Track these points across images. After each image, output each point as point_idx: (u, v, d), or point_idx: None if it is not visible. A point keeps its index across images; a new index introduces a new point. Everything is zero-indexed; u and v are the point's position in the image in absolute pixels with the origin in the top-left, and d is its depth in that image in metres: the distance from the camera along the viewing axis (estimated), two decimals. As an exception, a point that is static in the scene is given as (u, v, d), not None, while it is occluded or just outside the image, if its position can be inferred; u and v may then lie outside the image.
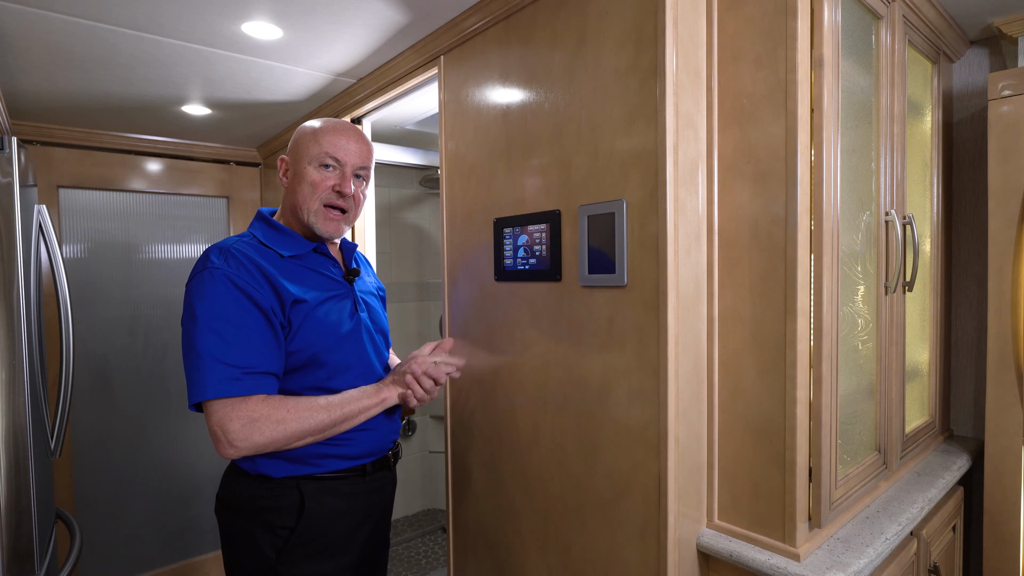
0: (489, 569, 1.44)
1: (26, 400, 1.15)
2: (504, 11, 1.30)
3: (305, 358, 1.09)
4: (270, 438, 1.00)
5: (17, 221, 1.16)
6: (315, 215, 1.14)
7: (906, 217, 1.35)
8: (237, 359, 1.00)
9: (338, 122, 1.18)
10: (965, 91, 1.70)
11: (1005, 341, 1.37)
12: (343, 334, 1.14)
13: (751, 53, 1.03)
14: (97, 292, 2.39)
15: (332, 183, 1.14)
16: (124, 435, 2.46)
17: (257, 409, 1.00)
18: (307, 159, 1.14)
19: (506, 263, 1.34)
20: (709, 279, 1.10)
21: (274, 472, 1.08)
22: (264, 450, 1.01)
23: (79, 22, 1.40)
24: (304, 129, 1.17)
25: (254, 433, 0.99)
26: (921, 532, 1.32)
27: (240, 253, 1.07)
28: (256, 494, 1.09)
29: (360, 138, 1.18)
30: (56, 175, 2.28)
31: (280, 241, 1.15)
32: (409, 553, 2.90)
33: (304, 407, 1.04)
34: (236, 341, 1.00)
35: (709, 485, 1.12)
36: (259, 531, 1.09)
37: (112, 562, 2.42)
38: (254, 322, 1.03)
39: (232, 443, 0.99)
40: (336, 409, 1.07)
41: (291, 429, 1.02)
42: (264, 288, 1.05)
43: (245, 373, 1.00)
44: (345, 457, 1.13)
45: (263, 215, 1.20)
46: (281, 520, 1.08)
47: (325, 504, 1.10)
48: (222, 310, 1.01)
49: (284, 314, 1.07)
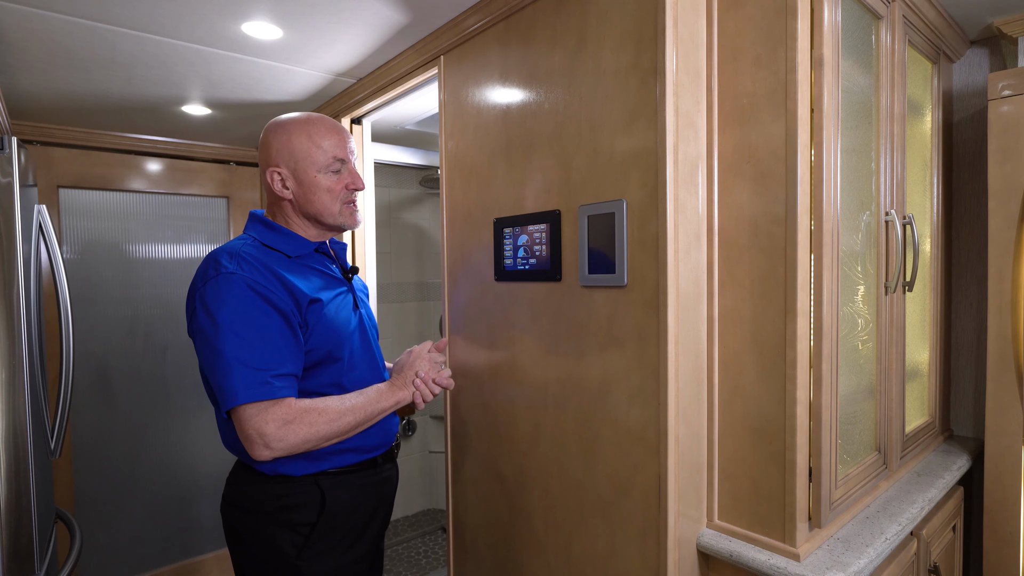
0: (489, 569, 1.44)
1: (26, 400, 1.15)
2: (504, 11, 1.30)
3: (321, 355, 1.11)
4: (303, 438, 1.02)
5: (17, 221, 1.16)
6: (341, 215, 1.18)
7: (906, 217, 1.35)
8: (264, 363, 1.01)
9: (319, 119, 1.17)
10: (965, 91, 1.70)
11: (1005, 341, 1.37)
12: (351, 330, 1.18)
13: (751, 53, 1.03)
14: (97, 292, 2.39)
15: (346, 183, 1.17)
16: (124, 435, 2.46)
17: (290, 412, 1.02)
18: (315, 168, 1.14)
19: (506, 263, 1.34)
20: (709, 279, 1.10)
21: (295, 471, 1.10)
22: (297, 451, 1.03)
23: (79, 22, 1.40)
24: (292, 135, 1.14)
25: (289, 435, 1.01)
26: (921, 532, 1.32)
27: (251, 256, 1.08)
28: (276, 493, 1.10)
29: (342, 129, 1.19)
30: (56, 175, 2.28)
31: (283, 242, 1.16)
32: (409, 553, 2.90)
33: (333, 410, 1.06)
34: (261, 345, 1.01)
35: (709, 485, 1.12)
36: (277, 530, 1.10)
37: (112, 562, 2.42)
38: (275, 325, 1.04)
39: (268, 445, 1.00)
40: (360, 411, 1.10)
41: (323, 431, 1.04)
42: (279, 290, 1.06)
43: (273, 376, 1.01)
44: (360, 450, 1.16)
45: (259, 216, 1.20)
46: (302, 517, 1.10)
47: (342, 498, 1.13)
48: (244, 314, 1.02)
49: (302, 315, 1.08)
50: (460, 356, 1.51)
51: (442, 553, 2.89)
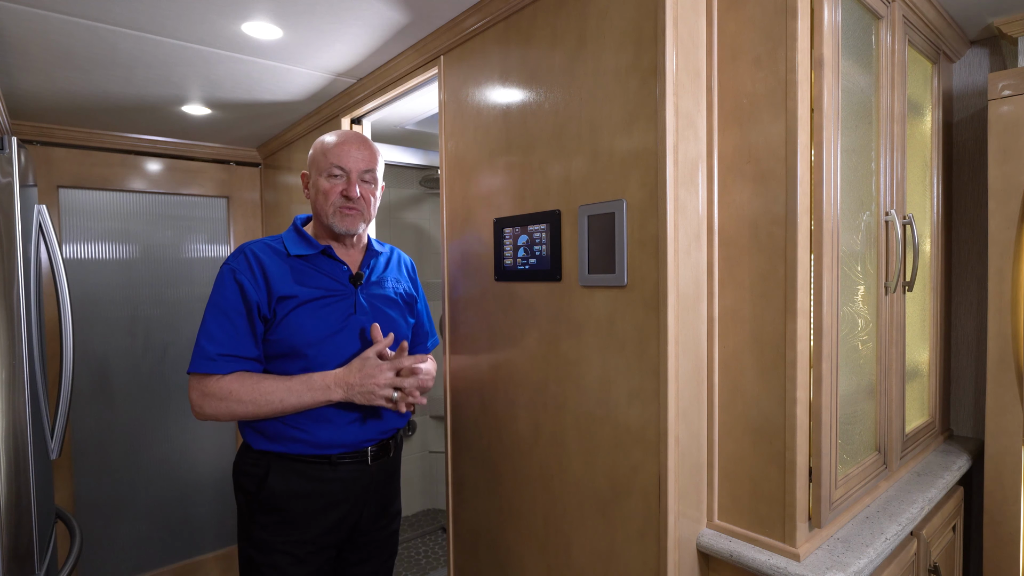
0: (489, 569, 1.44)
1: (26, 400, 1.16)
2: (504, 11, 1.30)
3: (286, 348, 1.22)
4: (218, 411, 1.17)
5: (17, 221, 1.16)
6: (332, 216, 1.28)
7: (906, 217, 1.35)
8: (219, 342, 1.18)
9: (346, 133, 1.32)
10: (965, 91, 1.70)
11: (1005, 341, 1.37)
12: (329, 332, 1.24)
13: (751, 53, 1.03)
14: (97, 292, 2.39)
15: (340, 189, 1.27)
16: (124, 435, 2.46)
17: (212, 387, 1.17)
18: (319, 171, 1.29)
19: (506, 263, 1.34)
20: (709, 279, 1.10)
21: (253, 444, 1.26)
22: (219, 419, 1.19)
23: (79, 22, 1.40)
24: (316, 145, 1.33)
25: (206, 406, 1.17)
26: (921, 532, 1.32)
27: (250, 252, 1.25)
28: (241, 456, 1.30)
29: (364, 145, 1.31)
30: (56, 175, 2.28)
31: (293, 242, 1.30)
32: (409, 553, 2.90)
33: (250, 396, 1.18)
34: (224, 326, 1.19)
35: (709, 485, 1.12)
36: (238, 488, 1.29)
37: (112, 562, 2.42)
38: (239, 313, 1.20)
39: (193, 409, 1.19)
40: (281, 400, 1.18)
41: (235, 411, 1.17)
42: (259, 283, 1.22)
43: (220, 354, 1.17)
44: (309, 444, 1.23)
45: (295, 221, 1.36)
46: (249, 485, 1.25)
47: (289, 482, 1.23)
48: (220, 299, 1.20)
49: (270, 308, 1.22)
50: (460, 356, 1.51)
51: (442, 553, 2.89)
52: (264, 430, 1.23)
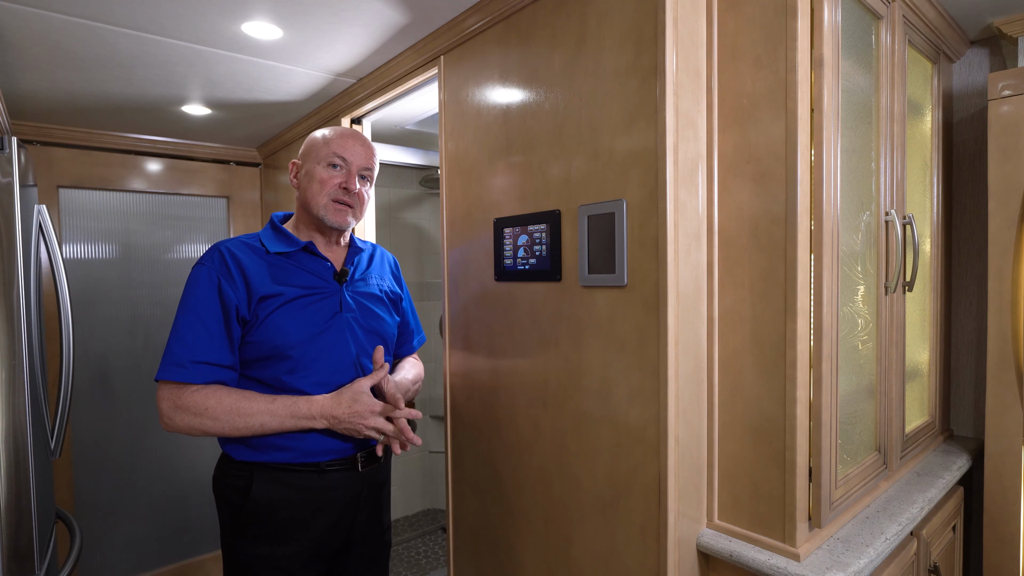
0: (489, 569, 1.44)
1: (26, 400, 1.15)
2: (504, 11, 1.30)
3: (268, 350, 1.16)
4: (189, 426, 1.10)
5: (17, 221, 1.16)
6: (324, 208, 1.23)
7: (906, 217, 1.35)
8: (191, 347, 1.11)
9: (346, 129, 1.30)
10: (965, 91, 1.70)
11: (1005, 341, 1.37)
12: (316, 331, 1.20)
13: (751, 53, 1.03)
14: (97, 292, 2.39)
15: (339, 180, 1.23)
16: (124, 435, 2.46)
17: (184, 400, 1.10)
18: (316, 159, 1.24)
19: (506, 263, 1.34)
20: (709, 279, 1.10)
21: (234, 455, 1.19)
22: (189, 433, 1.12)
23: (79, 22, 1.40)
24: (314, 135, 1.29)
25: (176, 418, 1.10)
26: (921, 532, 1.32)
27: (227, 251, 1.18)
28: (223, 468, 1.23)
29: (365, 143, 1.28)
30: (56, 175, 2.28)
31: (271, 240, 1.24)
32: (409, 553, 2.90)
33: (226, 414, 1.11)
34: (197, 330, 1.12)
35: (709, 485, 1.12)
36: (220, 500, 1.22)
37: (112, 562, 2.42)
38: (215, 317, 1.13)
39: (162, 420, 1.11)
40: (259, 423, 1.13)
41: (208, 427, 1.11)
42: (238, 284, 1.16)
43: (193, 361, 1.10)
44: (295, 451, 1.18)
45: (272, 218, 1.31)
46: (233, 498, 1.19)
47: (274, 491, 1.17)
48: (194, 302, 1.13)
49: (250, 309, 1.16)
50: (460, 356, 1.51)
51: (442, 553, 2.89)
52: (247, 440, 1.17)
